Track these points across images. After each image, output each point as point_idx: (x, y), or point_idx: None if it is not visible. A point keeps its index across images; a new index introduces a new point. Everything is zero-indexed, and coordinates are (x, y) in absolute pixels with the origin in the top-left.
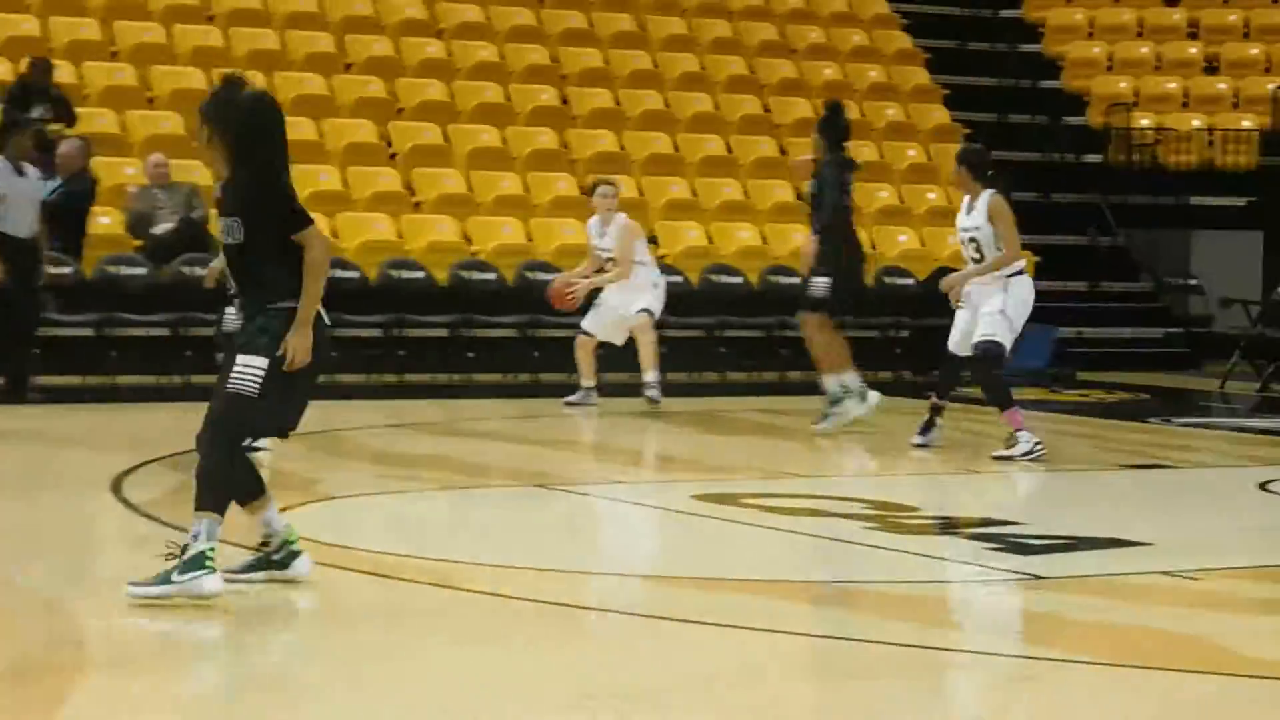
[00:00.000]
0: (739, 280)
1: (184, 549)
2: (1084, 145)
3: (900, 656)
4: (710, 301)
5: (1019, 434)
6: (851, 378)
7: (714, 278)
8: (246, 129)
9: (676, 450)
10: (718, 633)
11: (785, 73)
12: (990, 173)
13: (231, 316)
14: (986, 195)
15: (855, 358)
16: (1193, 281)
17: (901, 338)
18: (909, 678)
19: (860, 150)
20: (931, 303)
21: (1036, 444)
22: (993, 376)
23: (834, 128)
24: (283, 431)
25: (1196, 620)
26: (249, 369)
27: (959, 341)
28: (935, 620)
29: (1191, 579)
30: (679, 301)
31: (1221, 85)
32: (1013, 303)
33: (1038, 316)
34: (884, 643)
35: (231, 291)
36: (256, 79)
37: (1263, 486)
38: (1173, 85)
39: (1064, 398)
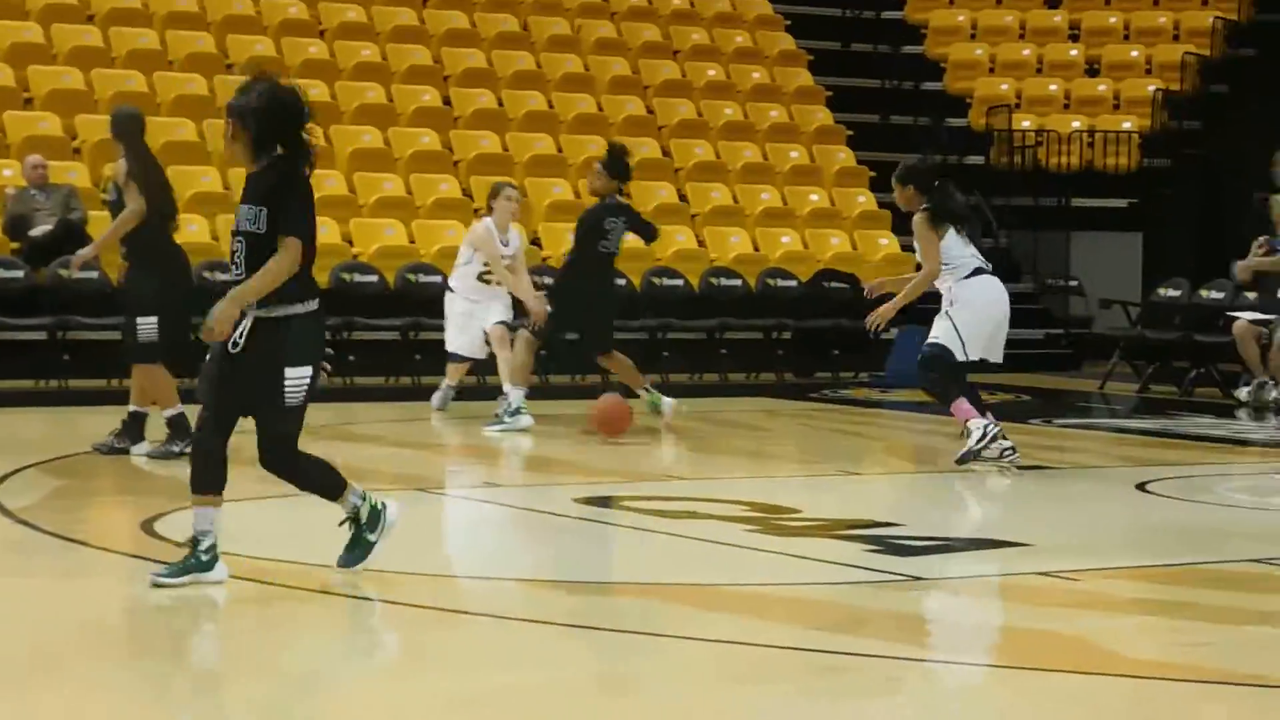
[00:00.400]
0: (680, 283)
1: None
2: (966, 147)
3: (778, 659)
4: (655, 304)
5: (970, 423)
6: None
7: (656, 280)
8: (268, 120)
9: (559, 454)
10: (594, 637)
11: (668, 74)
12: (937, 182)
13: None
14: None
15: (739, 358)
16: (1073, 283)
17: (784, 339)
18: (787, 681)
19: (742, 152)
20: (813, 304)
21: (987, 426)
22: (930, 379)
23: (615, 169)
24: None
25: (1074, 620)
26: (300, 380)
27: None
28: (813, 622)
29: (1070, 579)
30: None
31: (1102, 87)
32: (959, 307)
33: (919, 318)
34: (762, 645)
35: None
36: (136, 79)
37: (1141, 487)
38: (1054, 87)
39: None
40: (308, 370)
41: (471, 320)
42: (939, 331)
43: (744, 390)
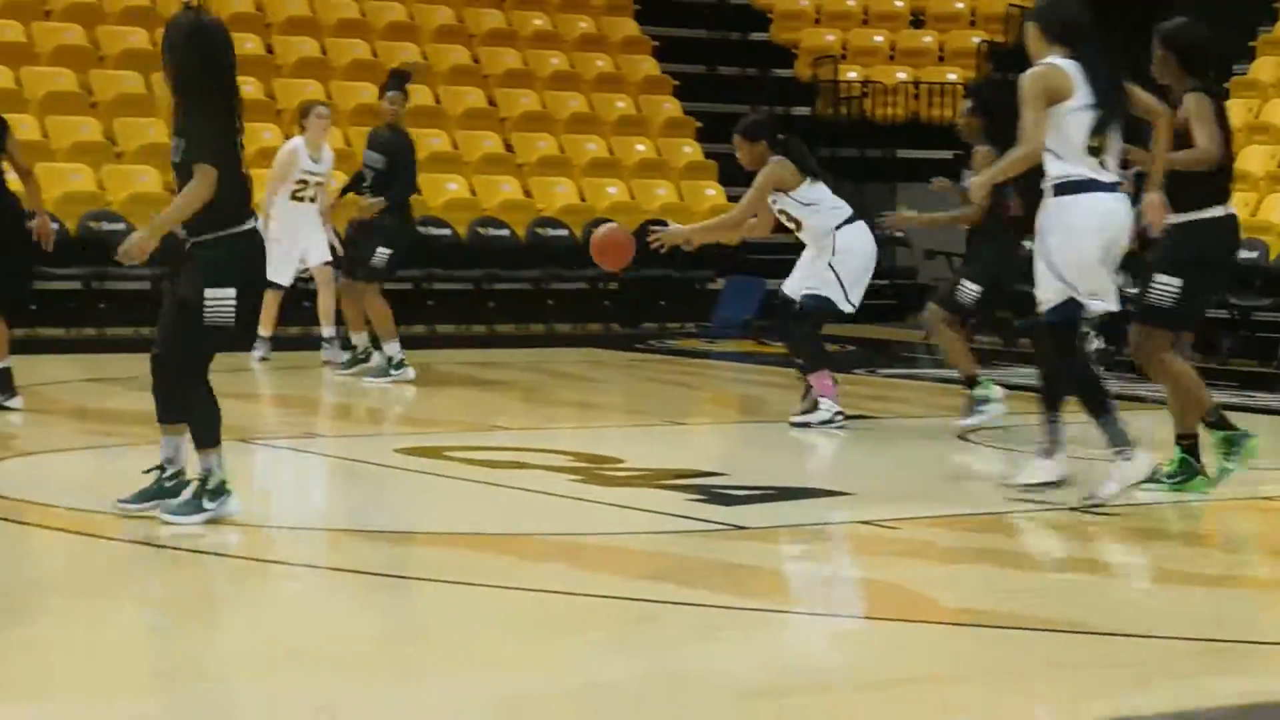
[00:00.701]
0: (506, 233)
1: (204, 480)
2: (792, 98)
3: (597, 608)
4: (480, 254)
5: (822, 400)
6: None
7: (482, 230)
8: (186, 54)
9: (384, 404)
10: (410, 586)
11: (493, 23)
12: (781, 137)
13: None
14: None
15: (568, 310)
16: (899, 234)
17: (610, 290)
18: (605, 628)
19: (568, 102)
20: (639, 255)
21: (838, 414)
22: (802, 334)
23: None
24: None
25: (893, 568)
26: (223, 300)
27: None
28: (635, 572)
29: (890, 528)
30: (448, 254)
31: (927, 39)
32: (842, 255)
33: (746, 268)
34: (581, 594)
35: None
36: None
37: (962, 436)
38: (880, 39)
39: (771, 349)
40: (230, 291)
41: (277, 245)
42: (818, 282)
43: (571, 341)
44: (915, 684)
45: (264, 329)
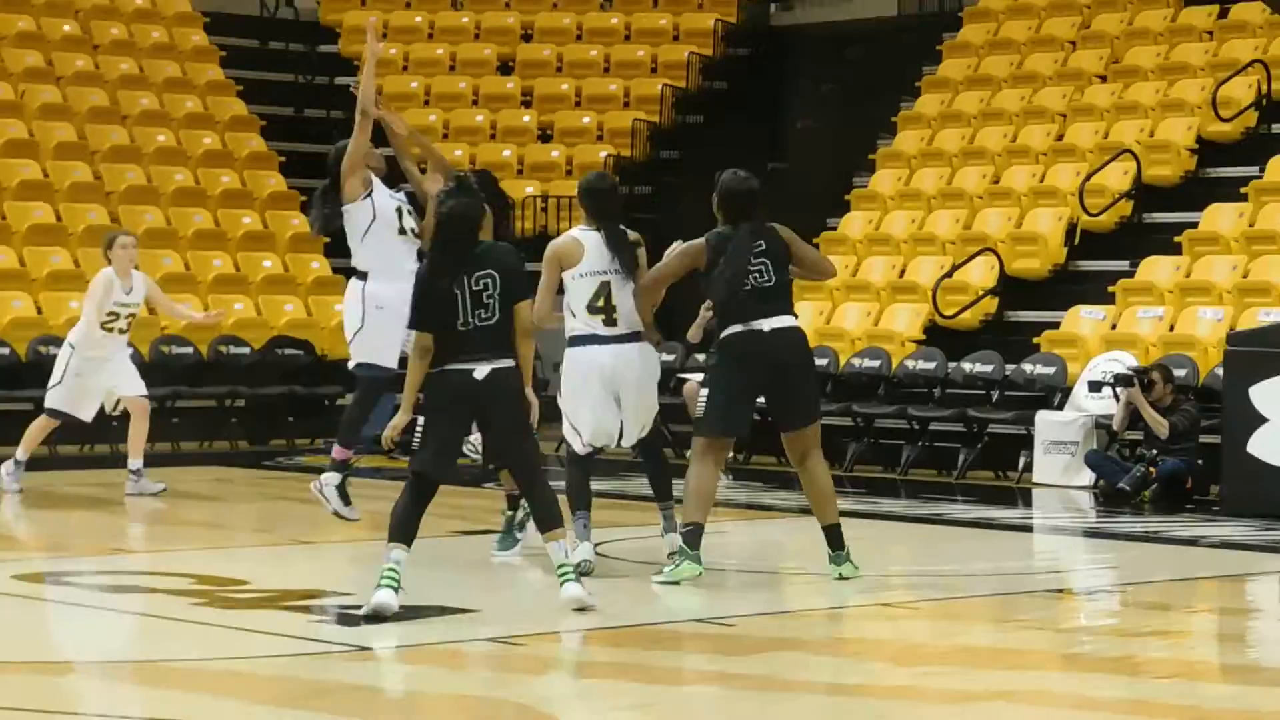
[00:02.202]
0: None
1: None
2: (422, 210)
3: None
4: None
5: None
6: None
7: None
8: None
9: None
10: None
11: (96, 101)
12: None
13: None
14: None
15: (194, 427)
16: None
17: (238, 407)
18: None
19: (174, 175)
20: (267, 370)
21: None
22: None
23: None
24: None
25: (517, 686)
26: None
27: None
28: (258, 697)
29: (516, 644)
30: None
31: (555, 153)
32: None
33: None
34: None
35: None
36: None
37: (596, 548)
38: (508, 153)
39: (402, 464)
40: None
41: (81, 378)
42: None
43: (198, 460)
44: None
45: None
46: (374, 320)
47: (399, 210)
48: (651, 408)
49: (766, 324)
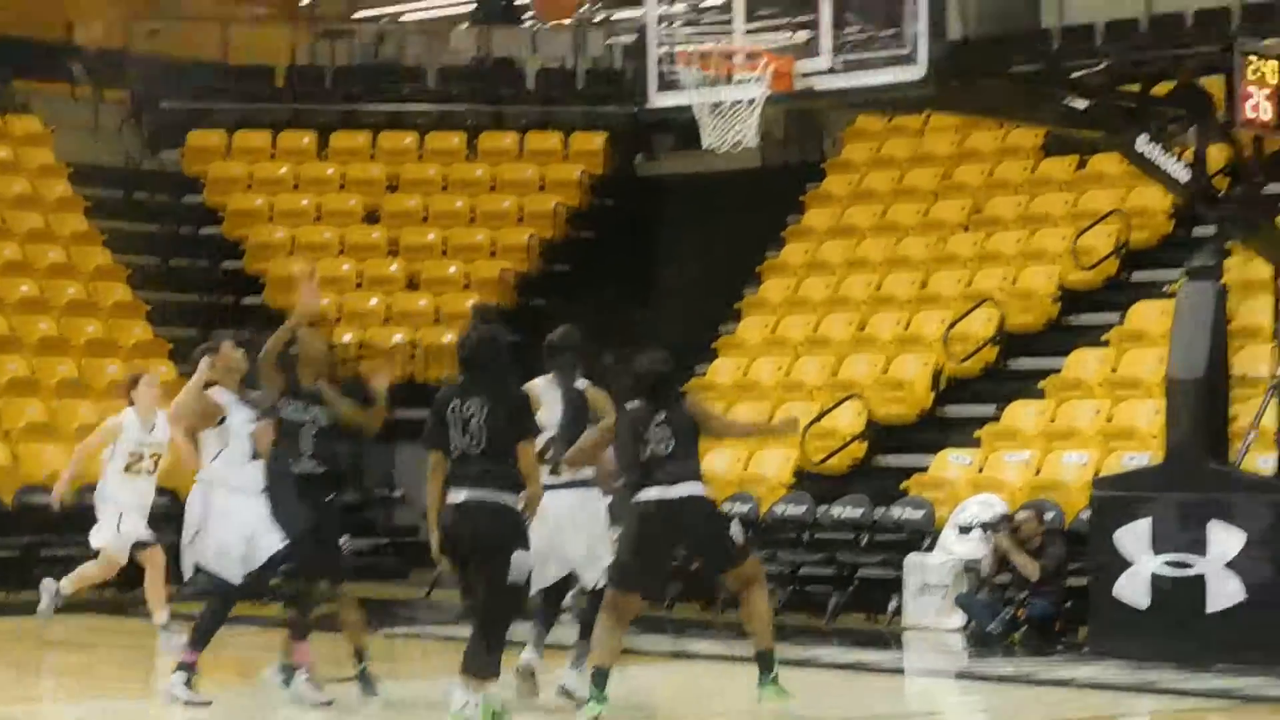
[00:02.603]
0: None
1: None
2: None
3: None
4: None
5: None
6: None
7: None
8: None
9: None
10: None
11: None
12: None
13: None
14: None
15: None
16: (398, 493)
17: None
18: None
19: (58, 368)
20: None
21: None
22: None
23: None
24: None
25: None
26: None
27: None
28: None
29: None
30: None
31: (423, 302)
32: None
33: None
34: None
35: None
36: None
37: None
38: (375, 301)
39: (269, 612)
40: None
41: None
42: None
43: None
44: None
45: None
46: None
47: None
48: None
49: (663, 492)
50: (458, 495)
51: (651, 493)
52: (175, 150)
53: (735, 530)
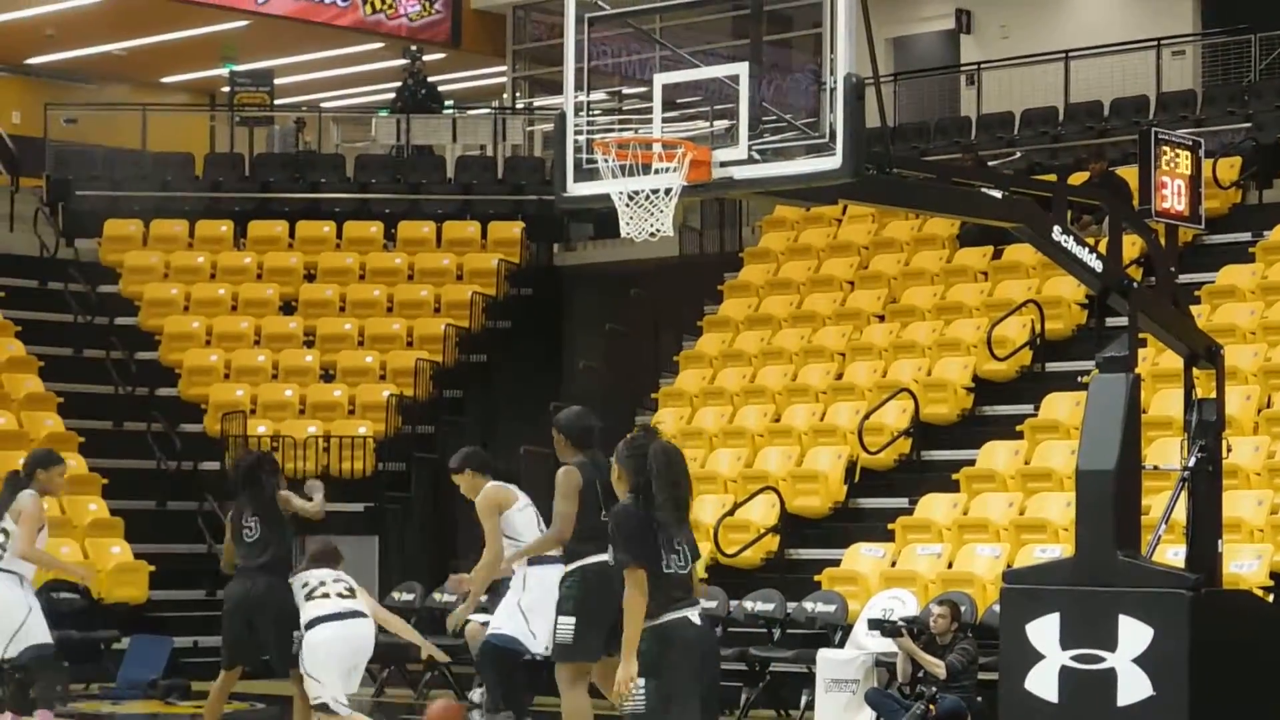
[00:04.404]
0: None
1: None
2: (201, 453)
3: None
4: None
5: None
6: None
7: None
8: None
9: None
10: None
11: None
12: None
13: None
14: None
15: None
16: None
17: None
18: None
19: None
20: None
21: None
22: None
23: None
24: None
25: None
26: None
27: None
28: None
29: None
30: None
31: (337, 392)
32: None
33: (152, 627)
34: None
35: None
36: None
37: None
38: (289, 392)
39: (179, 710)
40: None
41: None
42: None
43: None
44: None
45: None
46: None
47: None
48: None
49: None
50: None
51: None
52: (92, 240)
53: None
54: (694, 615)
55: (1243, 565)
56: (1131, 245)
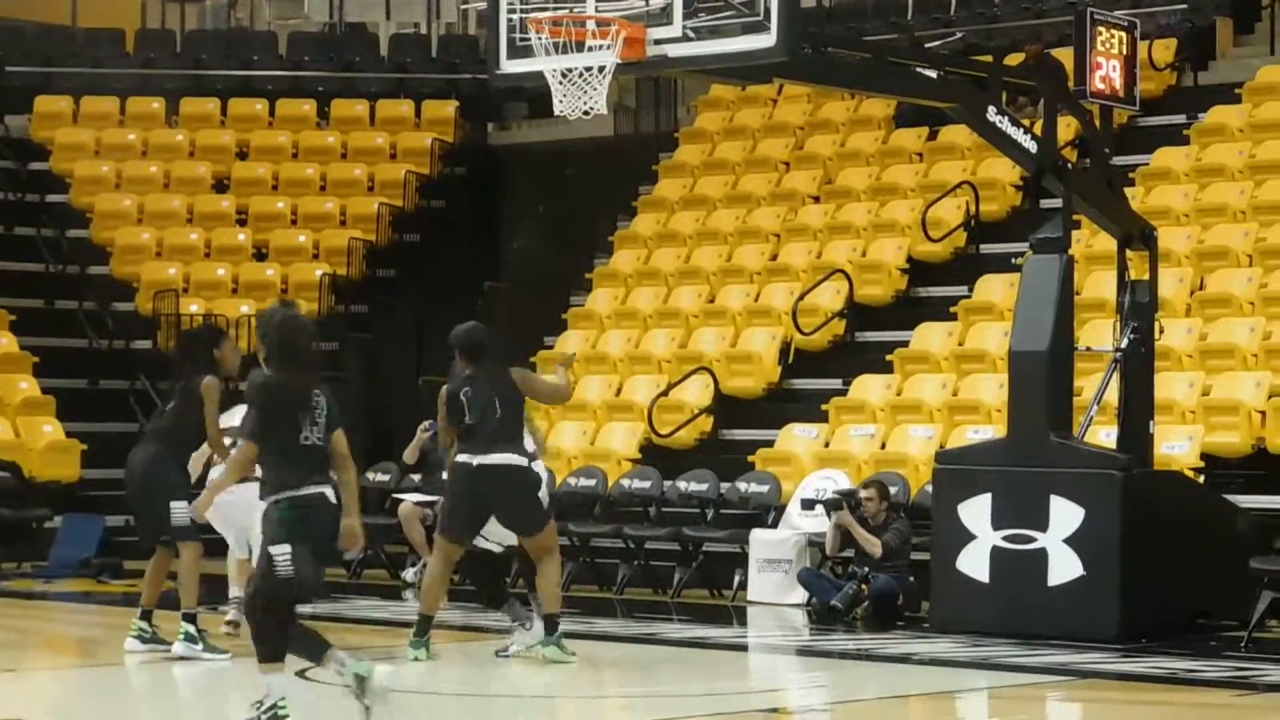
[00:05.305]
0: None
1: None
2: (134, 332)
3: None
4: None
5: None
6: None
7: None
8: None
9: None
10: None
11: None
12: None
13: None
14: None
15: None
16: None
17: None
18: None
19: None
20: None
21: None
22: None
23: None
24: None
25: None
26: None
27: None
28: None
29: None
30: None
31: (270, 272)
32: None
33: (84, 506)
34: None
35: None
36: None
37: (301, 674)
38: (222, 271)
39: (112, 589)
40: (285, 548)
41: None
42: None
43: None
44: None
45: None
46: None
47: None
48: None
49: (483, 459)
50: None
51: (474, 460)
52: (22, 116)
53: (542, 499)
54: (330, 493)
55: (1174, 447)
56: (1066, 127)
